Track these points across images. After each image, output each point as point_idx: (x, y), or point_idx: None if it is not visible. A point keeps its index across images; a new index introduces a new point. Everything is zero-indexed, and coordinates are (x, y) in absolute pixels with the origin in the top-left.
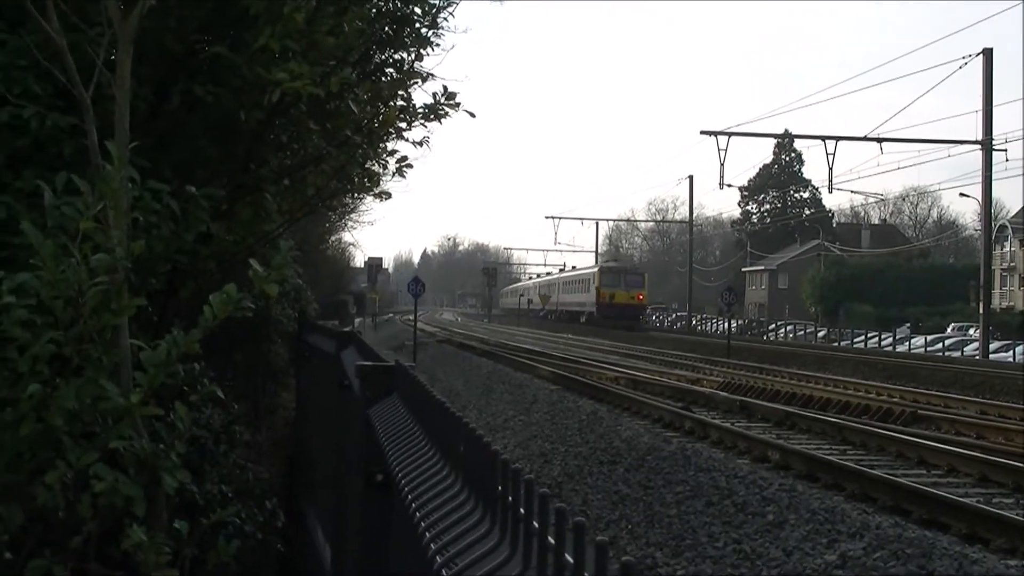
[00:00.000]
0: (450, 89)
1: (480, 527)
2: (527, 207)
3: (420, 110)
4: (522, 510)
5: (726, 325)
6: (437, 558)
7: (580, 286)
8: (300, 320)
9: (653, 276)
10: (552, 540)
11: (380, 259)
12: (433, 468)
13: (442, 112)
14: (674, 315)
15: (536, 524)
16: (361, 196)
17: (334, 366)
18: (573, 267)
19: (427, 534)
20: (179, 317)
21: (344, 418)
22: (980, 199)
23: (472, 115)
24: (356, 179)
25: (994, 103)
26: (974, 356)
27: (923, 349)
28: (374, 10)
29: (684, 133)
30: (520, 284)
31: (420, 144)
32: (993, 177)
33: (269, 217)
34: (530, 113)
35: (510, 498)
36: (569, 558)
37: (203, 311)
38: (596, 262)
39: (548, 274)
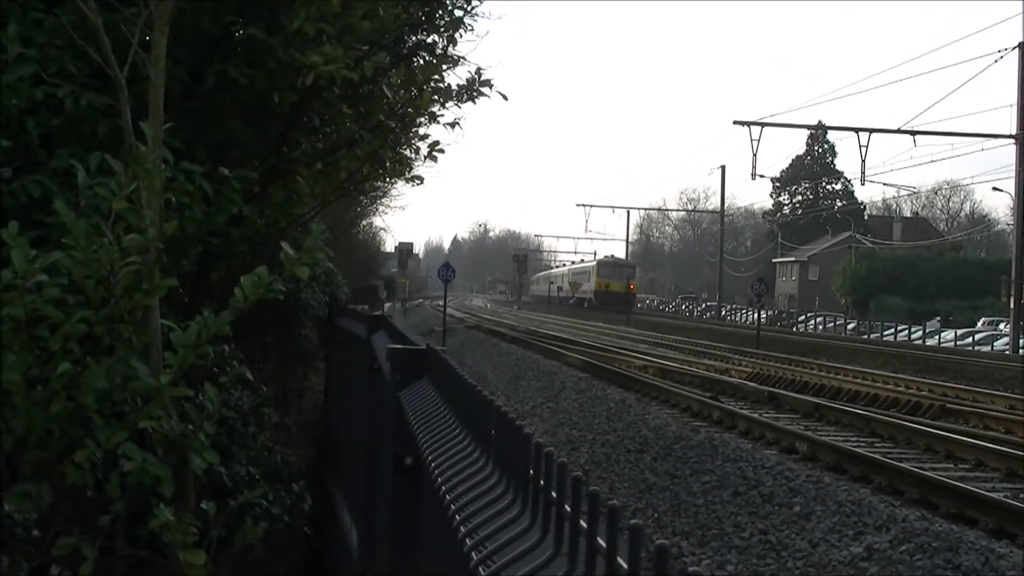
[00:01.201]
0: (484, 75)
1: (511, 510)
2: (558, 195)
3: (455, 90)
4: (554, 493)
5: (756, 316)
6: (467, 541)
7: (582, 276)
8: (330, 304)
9: (684, 266)
10: (584, 524)
11: (411, 244)
12: (463, 451)
13: (476, 93)
14: (704, 305)
15: (568, 508)
16: (393, 181)
17: (364, 350)
18: (582, 260)
19: (456, 517)
20: (210, 299)
21: (374, 401)
22: (1013, 193)
23: (505, 97)
24: (388, 163)
25: None
26: (1004, 351)
27: (953, 343)
28: None
29: (717, 123)
30: (548, 272)
31: (453, 126)
32: None
33: (301, 200)
34: (563, 100)
35: (541, 481)
36: (601, 541)
37: (234, 293)
38: (626, 251)
39: (573, 263)
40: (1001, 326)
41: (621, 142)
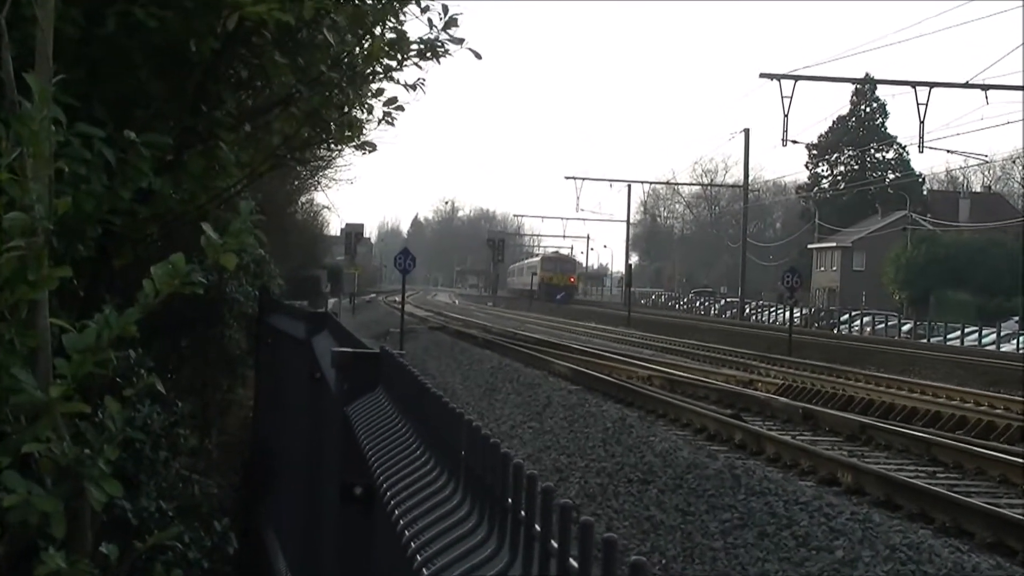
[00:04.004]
0: (453, 21)
1: (485, 547)
2: (542, 166)
3: (414, 45)
4: (538, 526)
5: (787, 314)
6: None
7: (529, 270)
8: (262, 299)
9: (698, 253)
10: (576, 563)
11: (361, 226)
12: (427, 478)
13: (441, 49)
14: (723, 301)
15: (556, 544)
16: (339, 148)
17: (304, 355)
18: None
19: (419, 556)
20: (112, 292)
21: (315, 418)
22: None
23: (478, 56)
24: (333, 126)
25: None
26: None
27: None
28: None
29: (739, 77)
30: (532, 260)
31: (413, 87)
32: None
33: (225, 171)
34: (547, 52)
35: (522, 512)
36: None
37: (142, 286)
38: (627, 233)
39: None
40: None
41: (619, 102)
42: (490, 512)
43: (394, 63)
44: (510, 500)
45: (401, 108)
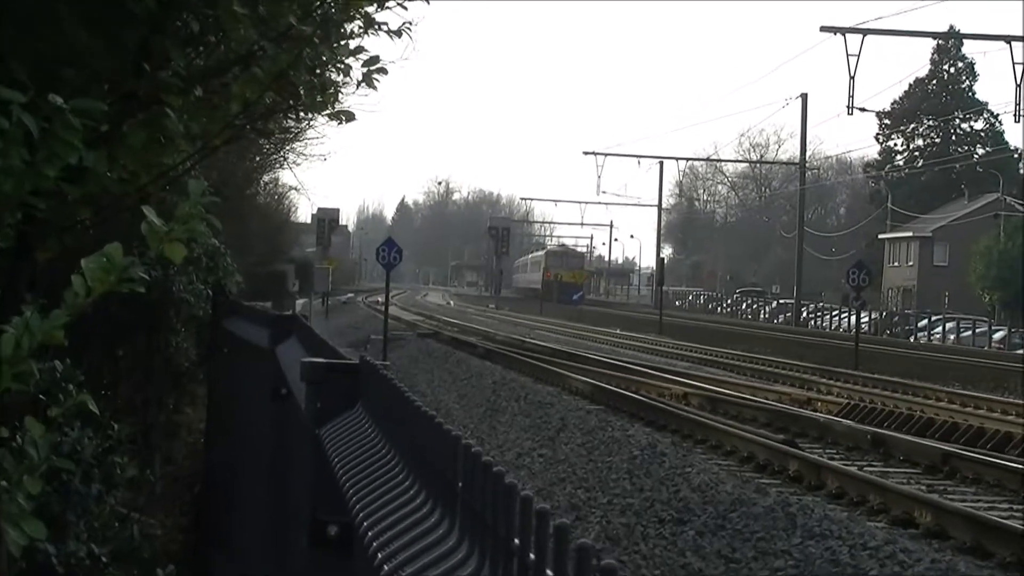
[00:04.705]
0: None
1: None
2: (556, 142)
3: None
4: (550, 572)
5: (853, 319)
6: None
7: (539, 265)
8: (216, 299)
9: (744, 244)
10: None
11: (336, 211)
12: (416, 514)
13: None
14: (774, 303)
15: None
16: (310, 117)
17: (267, 366)
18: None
19: None
20: (35, 291)
21: (281, 443)
22: None
23: None
24: (303, 90)
25: None
26: None
27: None
28: None
29: (795, 32)
30: (537, 254)
31: (399, 34)
32: None
33: (172, 144)
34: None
35: (531, 555)
36: None
37: (71, 283)
38: (658, 219)
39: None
40: None
41: (647, 64)
42: (492, 555)
43: (372, 7)
44: (516, 541)
45: (384, 71)
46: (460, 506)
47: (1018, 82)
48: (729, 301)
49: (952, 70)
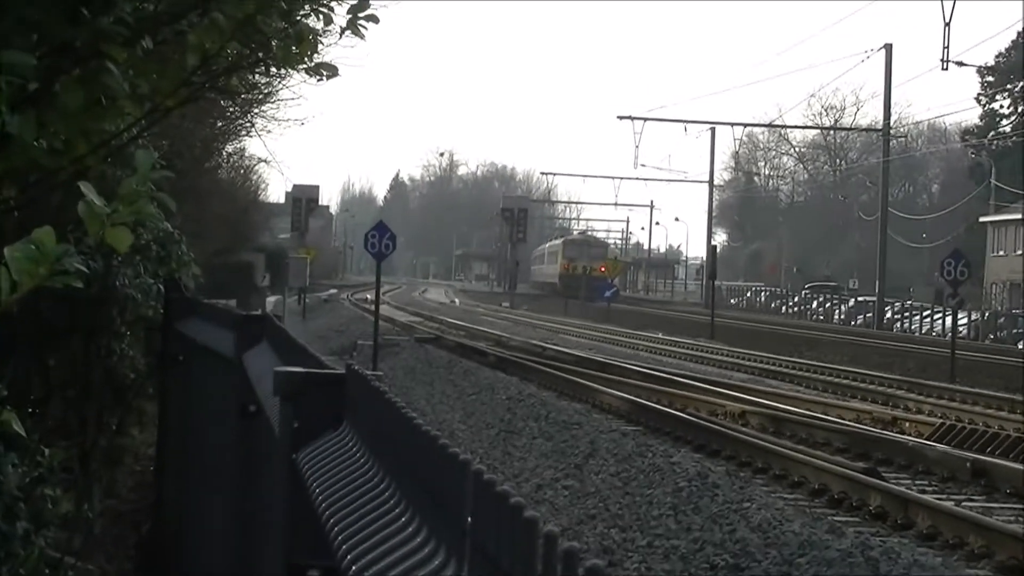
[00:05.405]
0: None
1: None
2: (585, 105)
3: None
4: None
5: (948, 321)
6: None
7: (551, 257)
8: (169, 296)
9: (814, 229)
10: None
11: (316, 189)
12: (415, 556)
13: None
14: (852, 301)
15: None
16: (284, 72)
17: (232, 378)
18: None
19: None
20: None
21: (250, 470)
22: None
23: None
24: (275, 41)
25: None
26: None
27: None
28: None
29: None
30: (551, 244)
31: None
32: None
33: (115, 107)
34: None
35: None
36: None
37: None
38: (710, 198)
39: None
40: None
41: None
42: None
43: None
44: None
45: (374, 17)
46: (469, 547)
47: None
48: (796, 299)
49: None
